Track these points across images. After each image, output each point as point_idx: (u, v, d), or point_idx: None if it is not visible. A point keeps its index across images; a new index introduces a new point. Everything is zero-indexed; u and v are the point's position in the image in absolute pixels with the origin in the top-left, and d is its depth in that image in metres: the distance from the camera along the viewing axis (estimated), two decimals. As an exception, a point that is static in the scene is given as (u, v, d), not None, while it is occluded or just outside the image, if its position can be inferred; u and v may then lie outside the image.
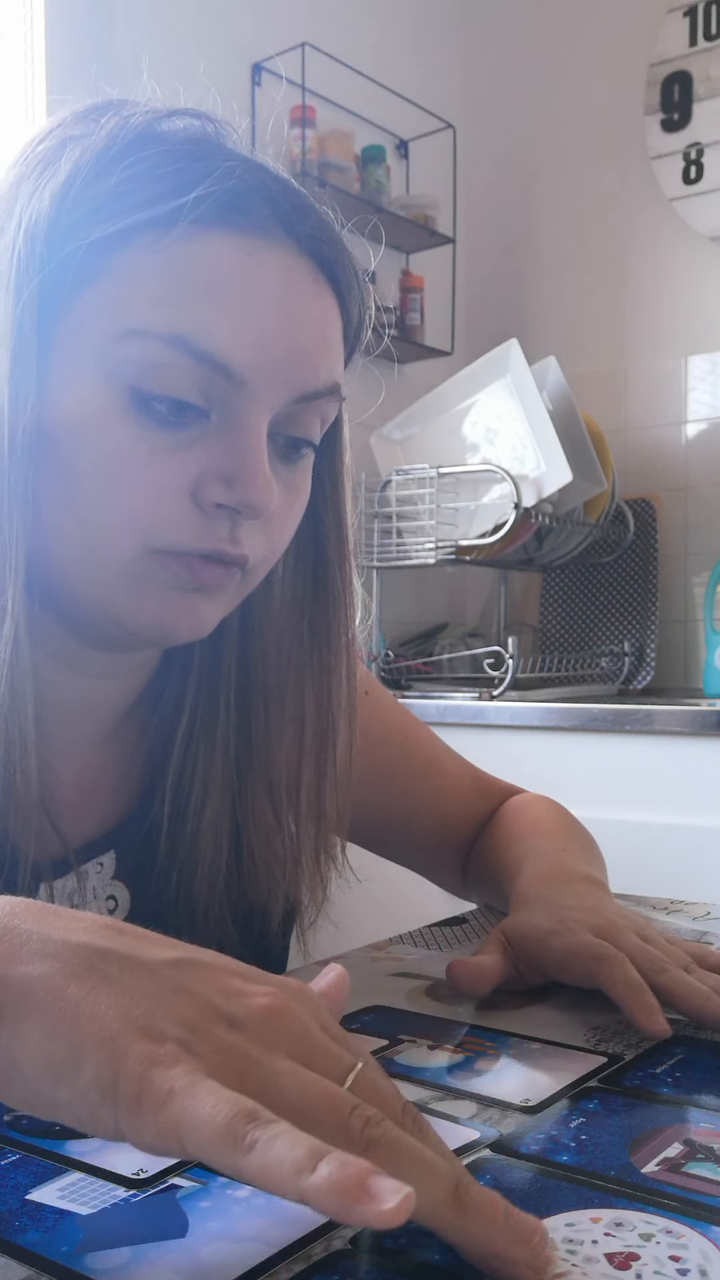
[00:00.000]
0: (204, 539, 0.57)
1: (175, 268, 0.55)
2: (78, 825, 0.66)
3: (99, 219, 0.55)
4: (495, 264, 2.65)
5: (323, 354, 0.59)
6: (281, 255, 0.57)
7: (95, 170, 0.56)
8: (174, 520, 0.56)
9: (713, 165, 2.32)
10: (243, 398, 0.56)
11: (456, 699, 1.93)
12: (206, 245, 0.55)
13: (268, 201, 0.57)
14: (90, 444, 0.55)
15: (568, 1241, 0.36)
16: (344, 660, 0.69)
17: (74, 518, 0.56)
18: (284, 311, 0.57)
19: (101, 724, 0.67)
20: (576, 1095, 0.49)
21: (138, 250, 0.55)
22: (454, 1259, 0.35)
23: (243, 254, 0.56)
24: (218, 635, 0.66)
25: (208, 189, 0.55)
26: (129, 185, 0.55)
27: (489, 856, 0.81)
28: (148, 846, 0.67)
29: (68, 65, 1.82)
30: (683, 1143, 0.44)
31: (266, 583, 0.67)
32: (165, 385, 0.55)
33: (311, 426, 0.61)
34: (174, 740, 0.67)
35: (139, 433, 0.55)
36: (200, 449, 0.56)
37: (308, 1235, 0.37)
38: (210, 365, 0.55)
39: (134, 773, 0.69)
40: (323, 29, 2.24)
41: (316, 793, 0.69)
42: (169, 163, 0.56)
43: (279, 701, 0.68)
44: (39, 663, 0.59)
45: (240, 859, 0.68)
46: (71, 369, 0.55)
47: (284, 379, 0.57)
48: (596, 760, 1.77)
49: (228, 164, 0.56)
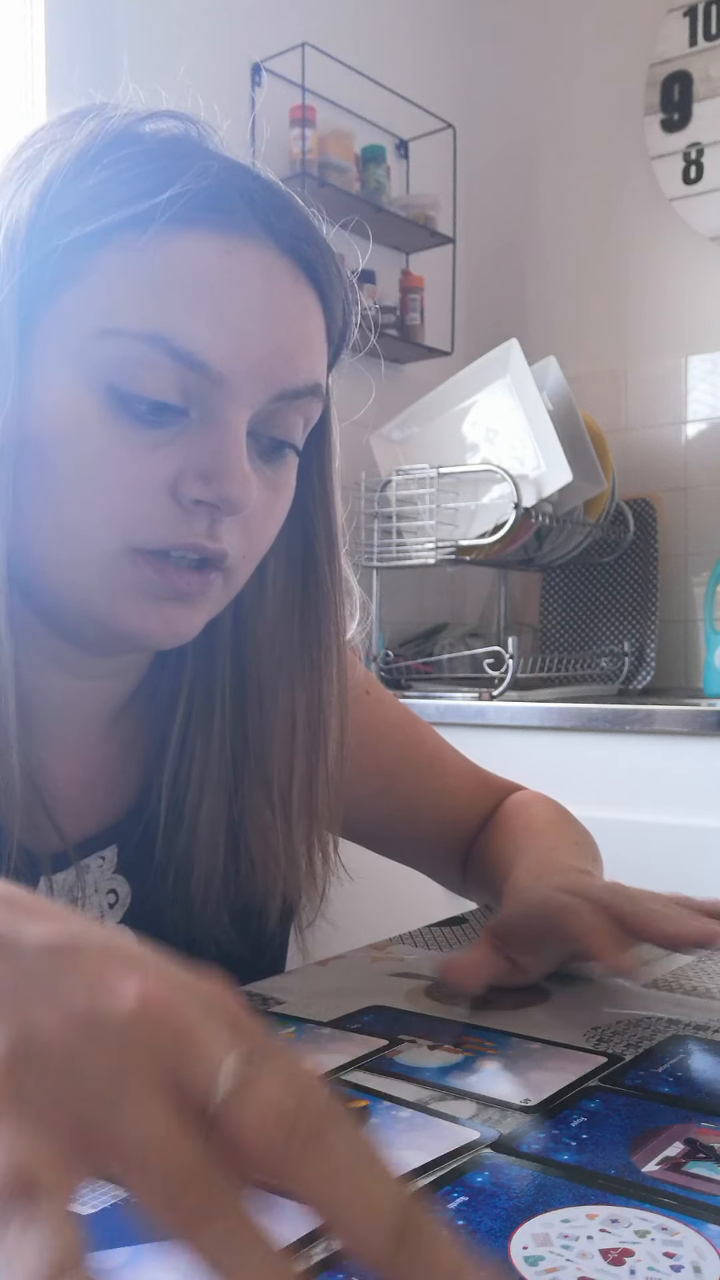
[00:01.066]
0: (182, 535, 0.57)
1: (153, 267, 0.55)
2: (77, 821, 0.66)
3: (77, 219, 0.55)
4: (495, 264, 2.65)
5: (303, 353, 0.59)
6: (261, 254, 0.57)
7: (74, 171, 0.56)
8: (153, 516, 0.56)
9: (713, 165, 2.32)
10: (221, 395, 0.56)
11: (456, 699, 1.93)
12: (185, 244, 0.55)
13: (247, 200, 0.57)
14: (69, 442, 0.56)
15: (563, 1237, 0.37)
16: (335, 659, 0.69)
17: (53, 516, 0.57)
18: (263, 310, 0.57)
19: (96, 721, 0.67)
20: (577, 1095, 0.49)
21: (116, 250, 0.55)
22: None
23: (222, 252, 0.56)
24: (211, 634, 0.67)
25: (184, 187, 0.55)
26: (106, 185, 0.55)
27: (486, 856, 0.81)
28: (146, 843, 0.67)
29: (68, 65, 1.81)
30: (684, 1142, 0.44)
31: (259, 582, 0.67)
32: (143, 384, 0.55)
33: (293, 426, 0.61)
34: (169, 738, 0.68)
35: (118, 431, 0.56)
36: (179, 446, 0.57)
37: (307, 1235, 0.37)
38: (188, 363, 0.55)
39: (132, 769, 0.69)
40: (323, 29, 2.24)
41: (308, 790, 0.69)
42: (146, 162, 0.56)
43: (273, 700, 0.68)
44: (24, 660, 0.59)
45: (237, 857, 0.68)
46: (51, 368, 0.56)
47: (263, 377, 0.57)
48: (596, 760, 1.77)
49: (204, 163, 0.57)
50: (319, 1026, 0.58)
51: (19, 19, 1.82)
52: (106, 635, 0.60)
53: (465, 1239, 0.37)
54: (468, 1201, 0.39)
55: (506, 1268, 0.35)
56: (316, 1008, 0.61)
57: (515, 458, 2.04)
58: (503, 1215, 0.38)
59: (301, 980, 0.67)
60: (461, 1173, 0.41)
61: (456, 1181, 0.41)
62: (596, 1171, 0.41)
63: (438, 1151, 0.43)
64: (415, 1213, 0.27)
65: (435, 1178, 0.41)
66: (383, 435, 2.19)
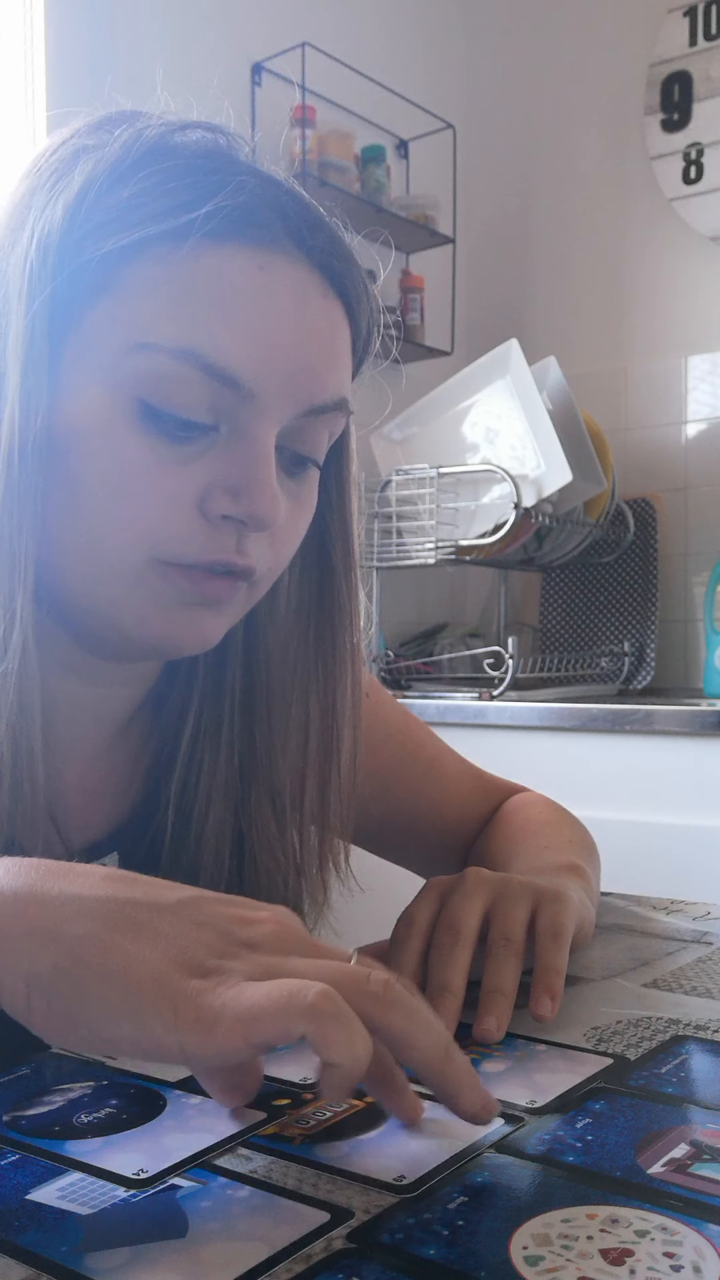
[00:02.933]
0: (210, 550, 0.57)
1: (186, 281, 0.55)
2: (82, 828, 0.66)
3: (112, 231, 0.55)
4: (495, 264, 2.65)
5: (331, 368, 0.59)
6: (293, 269, 0.57)
7: (109, 182, 0.56)
8: (181, 532, 0.56)
9: (713, 165, 2.32)
10: (251, 411, 0.56)
11: (456, 699, 1.93)
12: (218, 259, 0.55)
13: (280, 216, 0.57)
14: (98, 455, 0.55)
15: (563, 1237, 0.37)
16: (349, 669, 0.69)
17: (81, 528, 0.56)
18: (294, 325, 0.57)
19: (106, 729, 0.67)
20: (582, 1096, 0.49)
21: (149, 263, 0.55)
22: (453, 1256, 0.35)
23: (255, 268, 0.56)
24: (222, 643, 0.67)
25: (220, 203, 0.55)
26: (142, 198, 0.55)
27: (483, 858, 0.81)
28: (151, 851, 0.67)
29: (68, 66, 1.82)
30: (689, 1143, 0.44)
31: (272, 591, 0.67)
32: (174, 398, 0.55)
33: (318, 440, 0.61)
34: (178, 747, 0.67)
35: (147, 445, 0.55)
36: (208, 461, 0.56)
37: (308, 1235, 0.37)
38: (220, 379, 0.55)
39: (138, 777, 0.69)
40: (323, 29, 2.24)
41: (320, 801, 0.69)
42: (182, 176, 0.56)
43: (284, 709, 0.68)
44: (46, 670, 0.59)
45: (242, 867, 0.68)
46: (82, 380, 0.55)
47: (292, 393, 0.57)
48: (596, 760, 1.77)
49: (240, 178, 0.56)
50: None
51: (19, 19, 1.82)
52: (129, 643, 0.60)
53: (465, 1240, 0.37)
54: (467, 1202, 0.39)
55: (506, 1268, 0.35)
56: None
57: (515, 458, 2.04)
58: (502, 1215, 0.38)
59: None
60: (461, 1173, 0.41)
61: (456, 1182, 0.41)
62: (602, 1173, 0.41)
63: (443, 1155, 0.43)
64: (453, 1046, 0.43)
65: (438, 1178, 0.41)
66: (383, 435, 2.19)
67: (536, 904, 0.61)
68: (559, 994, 0.57)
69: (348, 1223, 0.38)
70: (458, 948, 0.57)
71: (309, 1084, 0.50)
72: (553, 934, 0.59)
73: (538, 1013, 0.56)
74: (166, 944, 0.40)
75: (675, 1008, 0.60)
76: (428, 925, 0.60)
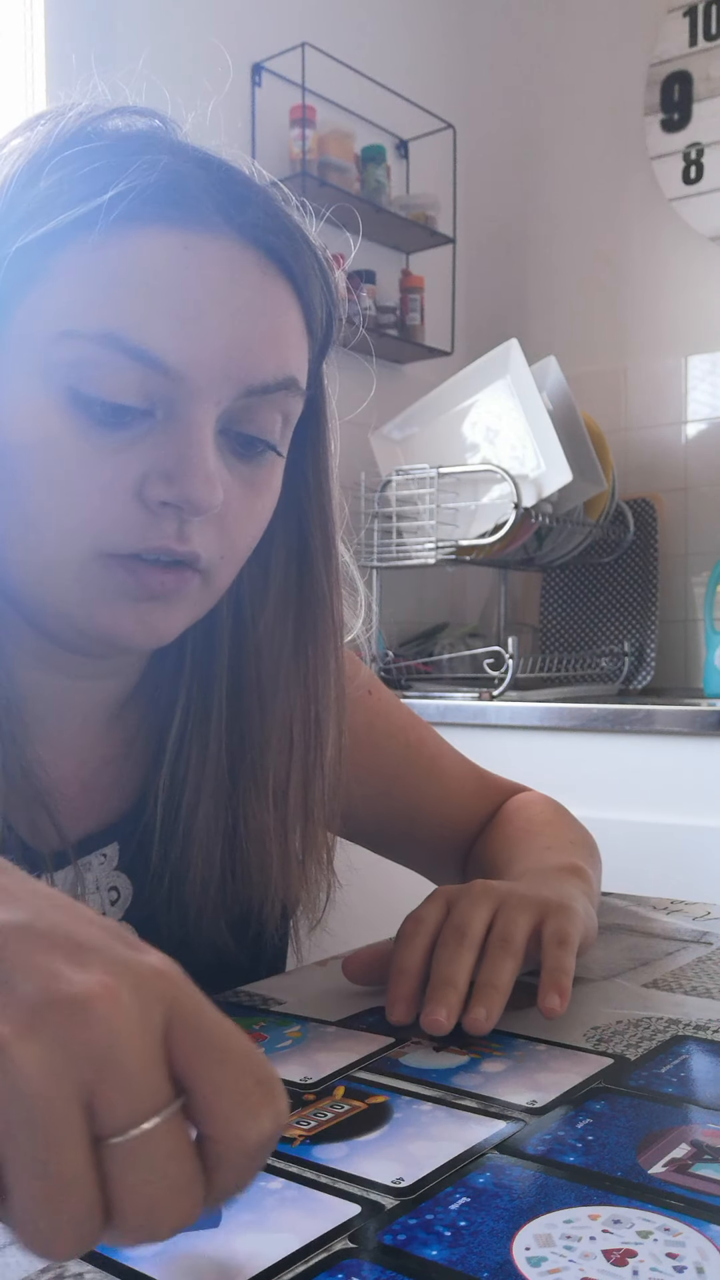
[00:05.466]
0: (151, 538, 0.56)
1: (107, 266, 0.54)
2: (78, 819, 0.66)
3: (35, 222, 0.55)
4: (495, 264, 2.65)
5: (271, 346, 0.58)
6: (223, 247, 0.56)
7: (28, 175, 0.55)
8: (120, 521, 0.56)
9: (713, 165, 2.32)
10: (183, 393, 0.55)
11: (456, 699, 1.93)
12: (140, 241, 0.55)
13: (206, 193, 0.56)
14: (35, 449, 0.55)
15: (565, 1238, 0.37)
16: (331, 660, 0.68)
17: (22, 523, 0.56)
18: (224, 304, 0.56)
19: (94, 721, 0.67)
20: (583, 1096, 0.49)
21: (71, 252, 0.55)
22: (456, 1256, 0.36)
23: (179, 247, 0.55)
24: (210, 636, 0.66)
25: (129, 184, 0.54)
26: (57, 187, 0.55)
27: (484, 858, 0.81)
28: (144, 845, 0.67)
29: (68, 65, 1.81)
30: (690, 1143, 0.44)
31: (263, 584, 0.66)
32: (102, 386, 0.54)
33: (268, 422, 0.59)
34: (167, 740, 0.67)
35: (82, 435, 0.55)
36: (143, 447, 0.56)
37: (336, 1229, 0.37)
38: (145, 362, 0.54)
39: (132, 770, 0.69)
40: (323, 29, 2.24)
41: (304, 793, 0.69)
42: (94, 160, 0.55)
43: (271, 702, 0.67)
44: (16, 659, 0.60)
45: (234, 861, 0.68)
46: (15, 376, 0.55)
47: (227, 373, 0.56)
48: (596, 760, 1.77)
49: (152, 157, 0.55)
50: (324, 1025, 0.58)
51: (19, 19, 1.82)
52: (84, 638, 0.59)
53: (467, 1242, 0.37)
54: (469, 1202, 0.39)
55: (509, 1268, 0.35)
56: (319, 1008, 0.61)
57: (515, 458, 2.04)
58: (505, 1216, 0.38)
59: (301, 981, 0.67)
60: (463, 1174, 0.41)
61: (458, 1183, 0.41)
62: (603, 1173, 0.41)
63: (444, 1156, 0.43)
64: None
65: (439, 1179, 0.41)
66: (383, 435, 2.19)
67: (542, 915, 0.61)
68: (567, 992, 0.57)
69: (348, 1223, 0.38)
70: (463, 947, 0.58)
71: (309, 1084, 0.50)
72: (559, 941, 0.60)
73: (546, 1006, 0.56)
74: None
75: (675, 1008, 0.60)
76: (435, 926, 0.60)
